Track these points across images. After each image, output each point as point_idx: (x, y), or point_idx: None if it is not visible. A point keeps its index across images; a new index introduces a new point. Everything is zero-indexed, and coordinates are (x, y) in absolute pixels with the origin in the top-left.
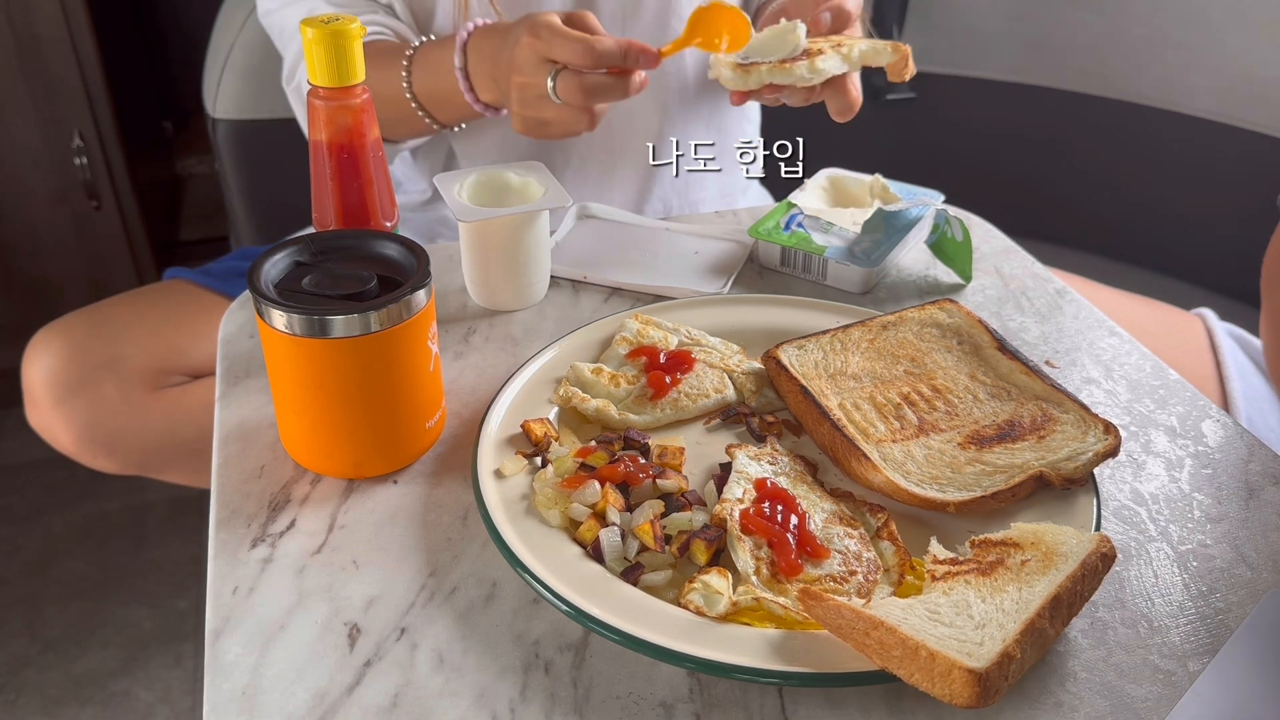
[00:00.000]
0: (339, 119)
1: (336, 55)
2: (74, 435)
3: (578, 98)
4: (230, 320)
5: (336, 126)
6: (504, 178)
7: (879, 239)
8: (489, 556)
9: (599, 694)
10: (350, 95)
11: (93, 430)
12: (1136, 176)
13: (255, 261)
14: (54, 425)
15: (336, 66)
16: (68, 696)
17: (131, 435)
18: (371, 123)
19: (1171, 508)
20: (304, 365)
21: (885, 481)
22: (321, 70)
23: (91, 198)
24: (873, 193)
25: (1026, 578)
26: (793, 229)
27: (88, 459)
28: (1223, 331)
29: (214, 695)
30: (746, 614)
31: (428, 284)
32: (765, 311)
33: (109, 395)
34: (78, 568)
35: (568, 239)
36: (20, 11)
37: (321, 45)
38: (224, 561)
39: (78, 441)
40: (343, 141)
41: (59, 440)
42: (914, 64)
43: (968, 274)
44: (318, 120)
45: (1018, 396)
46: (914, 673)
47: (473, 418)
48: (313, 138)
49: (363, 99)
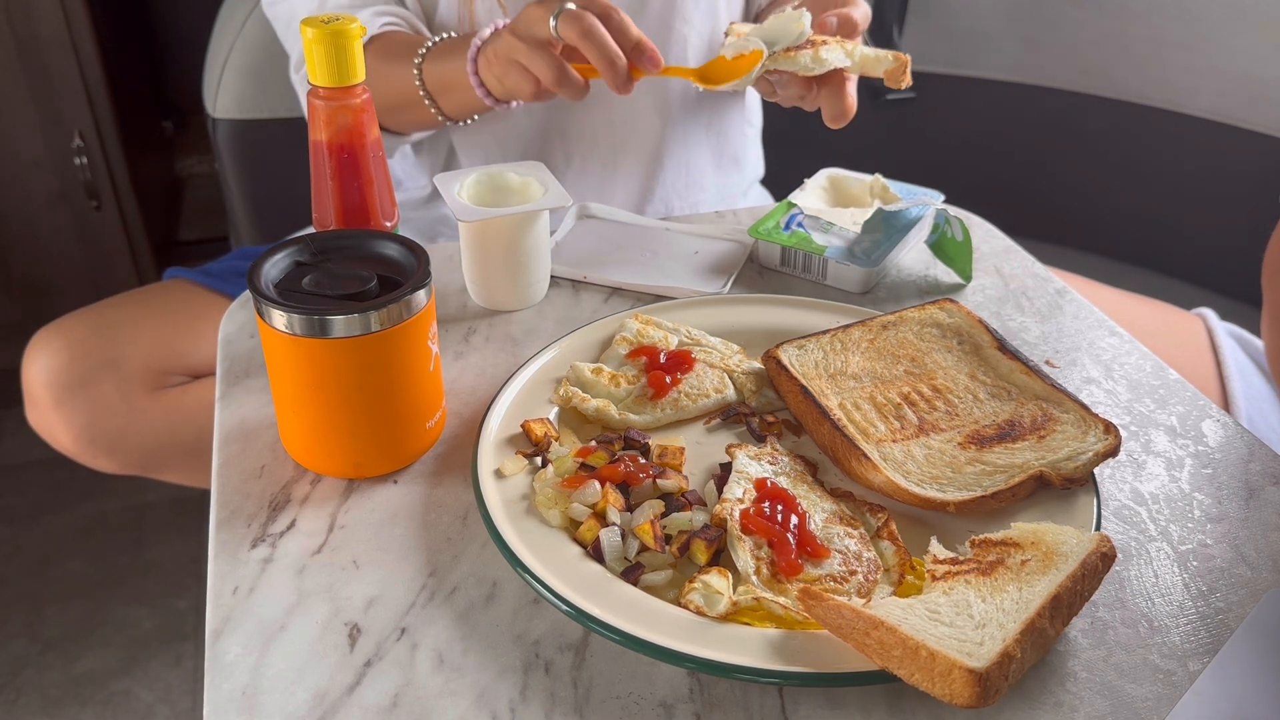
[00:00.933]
0: (339, 119)
1: (336, 55)
2: (74, 435)
3: (574, 30)
4: (230, 320)
5: (336, 126)
6: (504, 177)
7: (879, 239)
8: (489, 556)
9: (599, 694)
10: (350, 95)
11: (92, 430)
12: (1137, 176)
13: (255, 261)
14: (54, 425)
15: (337, 66)
16: (68, 696)
17: (131, 435)
18: (371, 123)
19: (1172, 507)
20: (304, 365)
21: (885, 481)
22: (321, 70)
23: (91, 198)
24: (873, 193)
25: (1027, 577)
26: (793, 229)
27: (88, 459)
28: (1223, 331)
29: (214, 695)
30: (747, 614)
31: (428, 284)
32: (765, 311)
33: (109, 395)
34: (78, 568)
35: (568, 239)
36: (20, 11)
37: (321, 45)
38: (224, 561)
39: (77, 441)
40: (343, 141)
41: (59, 440)
42: (910, 74)
43: (968, 274)
44: (318, 120)
45: (1018, 396)
46: (914, 673)
47: (473, 418)
48: (313, 138)
49: (363, 99)
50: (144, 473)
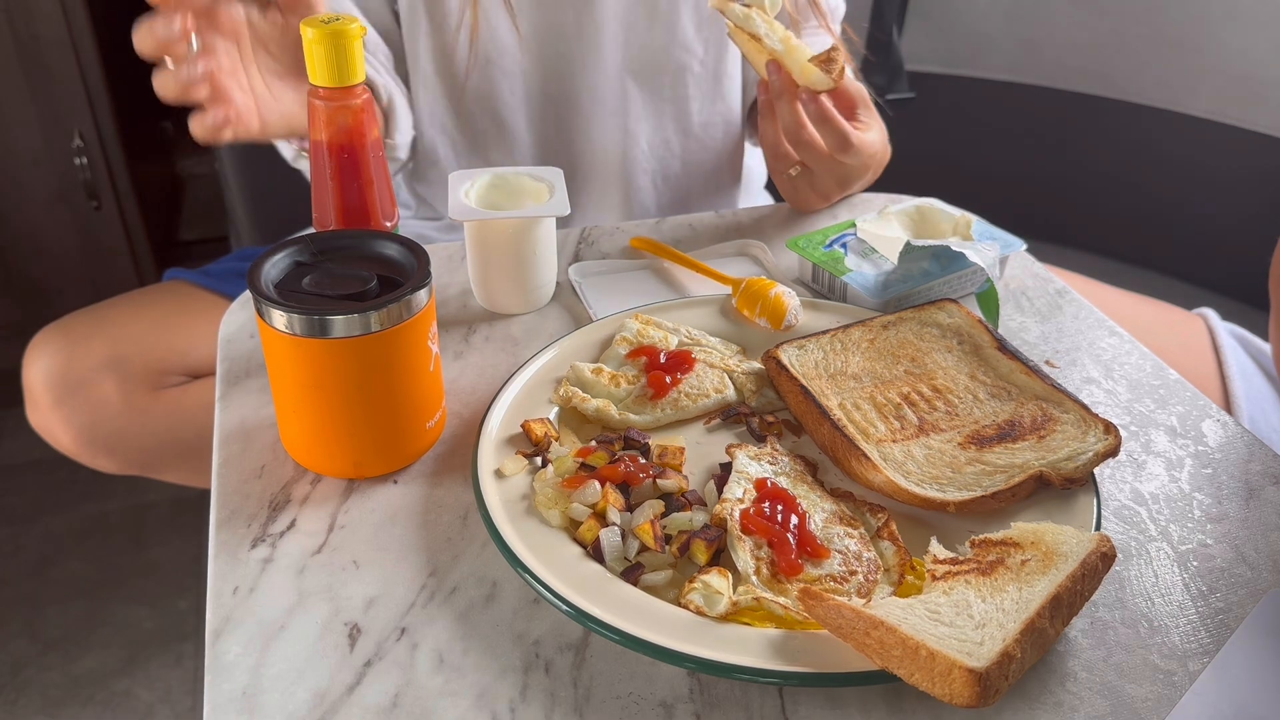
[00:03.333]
0: (339, 119)
1: (337, 55)
2: (73, 435)
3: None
4: (230, 320)
5: (337, 126)
6: (518, 181)
7: (912, 272)
8: (489, 556)
9: (599, 694)
10: (351, 95)
11: (92, 430)
12: (1136, 176)
13: (255, 261)
14: (54, 425)
15: (337, 66)
16: (68, 696)
17: (131, 436)
18: (372, 123)
19: (1172, 507)
20: (304, 365)
21: (885, 481)
22: (321, 70)
23: (91, 198)
24: (955, 229)
25: (1027, 577)
26: (834, 247)
27: (88, 459)
28: (1225, 332)
29: (214, 695)
30: (747, 614)
31: (428, 284)
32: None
33: (109, 396)
34: (78, 568)
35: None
36: (20, 11)
37: (321, 45)
38: (224, 561)
39: (77, 441)
40: (343, 141)
41: (59, 440)
42: (845, 70)
43: (995, 320)
44: (318, 120)
45: (1018, 396)
46: (914, 672)
47: (473, 418)
48: (312, 138)
49: (363, 99)
50: (144, 473)
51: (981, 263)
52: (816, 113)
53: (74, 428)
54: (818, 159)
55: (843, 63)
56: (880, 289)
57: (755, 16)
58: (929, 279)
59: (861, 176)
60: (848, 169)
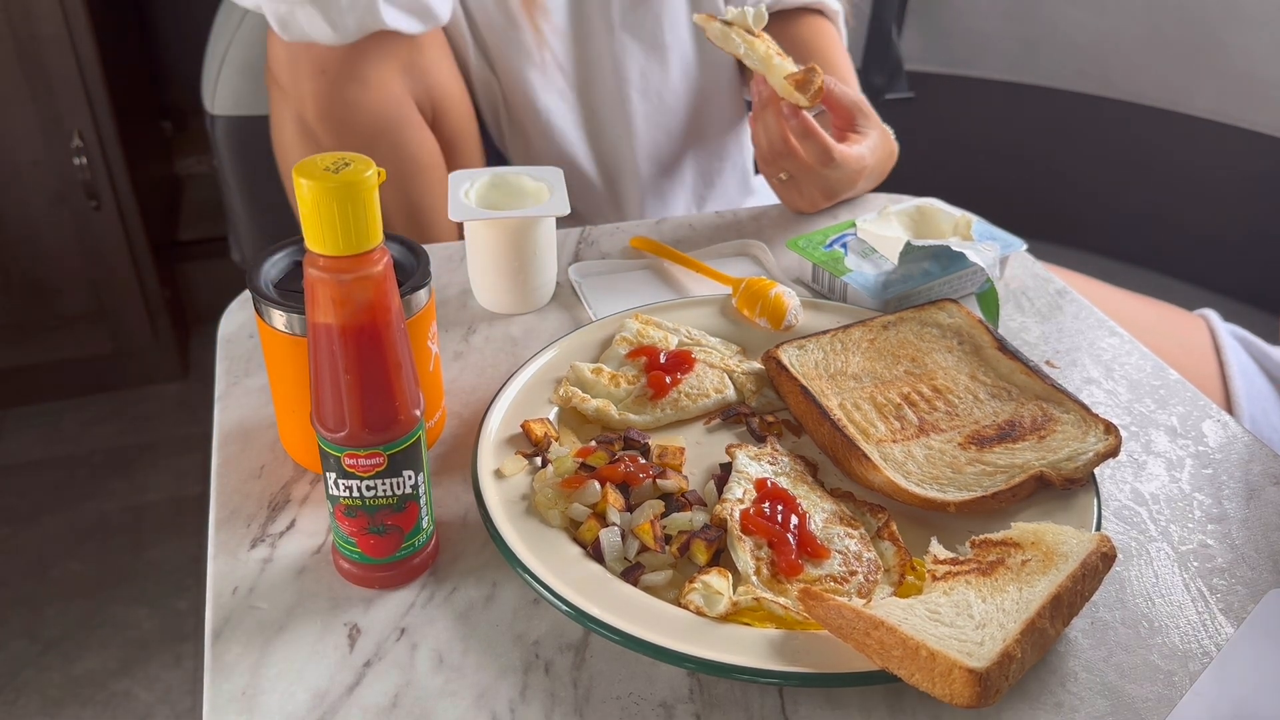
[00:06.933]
0: (356, 295)
1: (354, 213)
2: (318, 109)
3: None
4: (230, 320)
5: (354, 305)
6: (519, 181)
7: (912, 272)
8: (489, 556)
9: (599, 694)
10: (369, 263)
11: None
12: (1136, 176)
13: (255, 261)
14: (303, 94)
15: (353, 228)
16: (68, 697)
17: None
18: (394, 288)
19: (1172, 508)
20: (304, 365)
21: (885, 481)
22: (328, 236)
23: (91, 198)
24: (955, 229)
25: (1027, 577)
26: (834, 247)
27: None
28: (1226, 332)
29: (214, 695)
30: (746, 614)
31: (428, 284)
32: None
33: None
34: (78, 568)
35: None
36: (20, 11)
37: (328, 203)
38: (224, 561)
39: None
40: (362, 323)
41: (305, 106)
42: (818, 91)
43: (995, 321)
44: (324, 300)
45: (1018, 396)
46: (914, 673)
47: (473, 418)
48: (315, 321)
49: (384, 263)
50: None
51: (982, 263)
52: (798, 127)
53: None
54: (801, 170)
55: (820, 83)
56: (880, 289)
57: (734, 35)
58: (929, 279)
59: (851, 187)
60: (832, 180)
